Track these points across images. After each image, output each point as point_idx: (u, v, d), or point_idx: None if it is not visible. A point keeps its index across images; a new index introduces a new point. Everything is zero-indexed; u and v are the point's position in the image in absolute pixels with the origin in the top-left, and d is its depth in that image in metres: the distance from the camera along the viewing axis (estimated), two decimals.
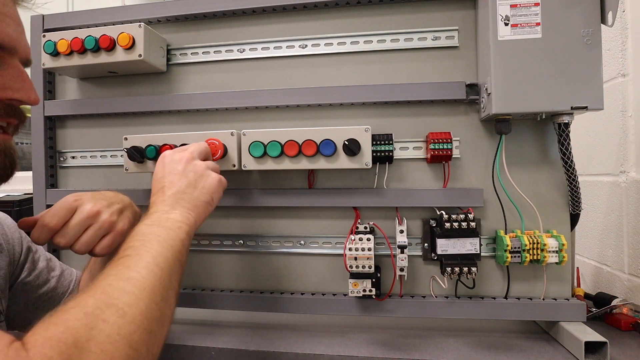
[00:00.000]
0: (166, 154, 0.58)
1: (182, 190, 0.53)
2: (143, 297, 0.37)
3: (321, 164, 0.69)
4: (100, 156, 0.86)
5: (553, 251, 0.66)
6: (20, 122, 0.47)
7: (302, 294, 0.77)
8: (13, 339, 0.31)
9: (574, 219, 0.71)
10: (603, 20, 0.61)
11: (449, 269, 0.67)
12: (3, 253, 0.58)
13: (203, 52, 0.82)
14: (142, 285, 0.37)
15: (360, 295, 0.70)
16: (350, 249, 0.70)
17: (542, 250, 0.66)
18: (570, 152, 0.66)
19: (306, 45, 0.78)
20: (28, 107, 0.52)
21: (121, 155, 0.84)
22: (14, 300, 0.60)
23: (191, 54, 0.82)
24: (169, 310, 0.40)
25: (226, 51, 0.81)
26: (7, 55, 0.43)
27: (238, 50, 0.81)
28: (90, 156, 0.87)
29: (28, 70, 0.48)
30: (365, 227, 0.72)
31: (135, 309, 0.35)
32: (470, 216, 0.67)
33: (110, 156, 0.86)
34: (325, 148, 0.68)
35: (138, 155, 0.73)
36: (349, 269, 0.70)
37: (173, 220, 0.48)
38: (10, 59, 0.44)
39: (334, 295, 0.76)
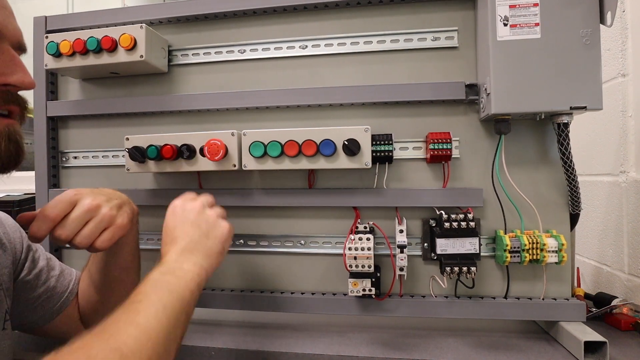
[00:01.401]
0: (177, 204, 0.59)
1: (195, 240, 0.53)
2: (148, 346, 0.37)
3: (321, 164, 0.69)
4: (102, 156, 0.87)
5: (552, 251, 0.66)
6: (21, 108, 0.47)
7: (302, 293, 0.77)
8: None
9: (574, 219, 0.71)
10: (602, 20, 0.61)
11: (448, 269, 0.67)
12: (6, 252, 0.58)
13: (204, 53, 0.82)
14: (148, 333, 0.38)
15: (360, 294, 0.70)
16: (350, 249, 0.70)
17: (541, 250, 0.66)
18: (569, 152, 0.66)
19: (306, 46, 0.79)
20: (31, 107, 0.52)
21: (123, 156, 0.85)
22: (13, 299, 0.60)
23: (192, 54, 0.83)
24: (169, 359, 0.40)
25: (227, 52, 0.81)
26: None
27: (239, 51, 0.81)
28: (92, 156, 0.87)
29: (31, 62, 0.47)
30: (365, 227, 0.73)
31: (138, 357, 0.35)
32: (470, 216, 0.67)
33: (112, 156, 0.86)
34: (325, 148, 0.68)
35: (139, 155, 0.74)
36: (349, 268, 0.70)
37: (185, 270, 0.48)
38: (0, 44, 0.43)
39: (333, 295, 0.76)
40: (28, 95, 0.50)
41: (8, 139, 0.45)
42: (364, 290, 0.70)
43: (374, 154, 0.70)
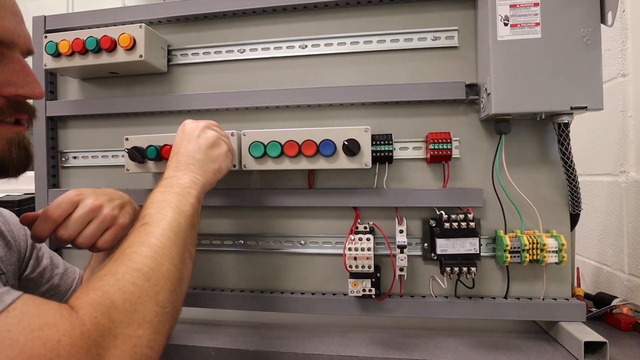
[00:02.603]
0: (186, 123, 0.63)
1: (192, 155, 0.57)
2: (163, 261, 0.41)
3: (321, 164, 0.69)
4: (102, 156, 0.87)
5: (553, 251, 0.66)
6: (30, 116, 0.47)
7: (302, 293, 0.77)
8: (62, 306, 0.34)
9: (574, 219, 0.71)
10: (603, 20, 0.61)
11: (448, 269, 0.67)
12: (12, 250, 0.59)
13: (204, 53, 0.82)
14: (162, 250, 0.42)
15: (360, 295, 0.70)
16: (350, 249, 0.70)
17: (541, 250, 0.66)
18: (570, 152, 0.66)
19: (306, 46, 0.79)
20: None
21: (122, 156, 0.84)
22: None
23: (192, 54, 0.83)
24: (186, 270, 0.44)
25: (227, 52, 0.81)
26: (7, 49, 0.43)
27: (238, 50, 0.81)
28: (92, 156, 0.87)
29: (30, 62, 0.47)
30: (365, 227, 0.73)
31: (158, 273, 0.40)
32: (470, 216, 0.67)
33: (112, 156, 0.86)
34: (325, 148, 0.68)
35: (139, 155, 0.73)
36: (349, 268, 0.70)
37: (182, 186, 0.52)
38: (11, 53, 0.43)
39: (333, 295, 0.76)
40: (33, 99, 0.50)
41: (18, 145, 0.46)
42: (364, 290, 0.70)
43: (374, 154, 0.70)
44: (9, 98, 0.43)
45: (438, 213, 0.70)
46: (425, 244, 0.74)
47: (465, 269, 0.67)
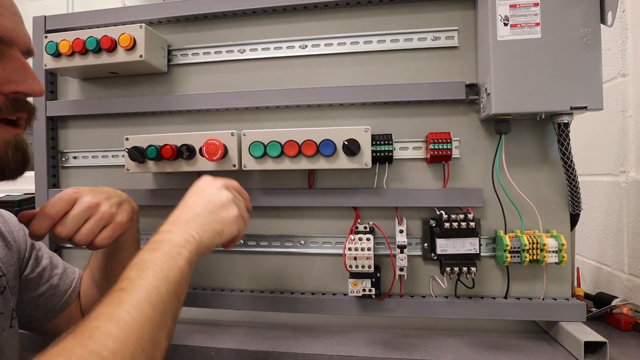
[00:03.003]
0: (203, 177, 0.57)
1: (196, 211, 0.51)
2: (129, 342, 0.34)
3: (321, 164, 0.69)
4: (102, 156, 0.87)
5: (553, 251, 0.66)
6: (30, 114, 0.47)
7: (302, 293, 0.77)
8: None
9: (574, 219, 0.71)
10: (603, 20, 0.61)
11: (448, 269, 0.67)
12: (12, 250, 0.59)
13: (204, 53, 0.82)
14: (130, 328, 0.35)
15: (360, 295, 0.70)
16: (350, 249, 0.70)
17: (541, 250, 0.66)
18: (570, 152, 0.66)
19: (306, 46, 0.79)
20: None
21: (122, 156, 0.84)
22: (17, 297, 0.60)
23: (192, 54, 0.83)
24: (158, 352, 0.37)
25: (227, 52, 0.81)
26: (6, 47, 0.43)
27: (238, 50, 0.81)
28: (92, 156, 0.87)
29: (30, 62, 0.47)
30: (365, 227, 0.73)
31: (120, 357, 0.33)
32: (470, 216, 0.67)
33: (112, 156, 0.86)
34: (325, 148, 0.68)
35: (139, 155, 0.74)
36: (349, 268, 0.70)
37: (174, 243, 0.45)
38: (10, 51, 0.43)
39: (333, 295, 0.76)
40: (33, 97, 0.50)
41: (15, 147, 0.45)
42: (364, 290, 0.70)
43: (374, 154, 0.70)
44: (8, 96, 0.43)
45: (438, 213, 0.70)
46: (425, 244, 0.74)
47: (465, 269, 0.67)
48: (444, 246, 0.68)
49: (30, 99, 0.48)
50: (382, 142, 0.71)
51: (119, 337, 0.34)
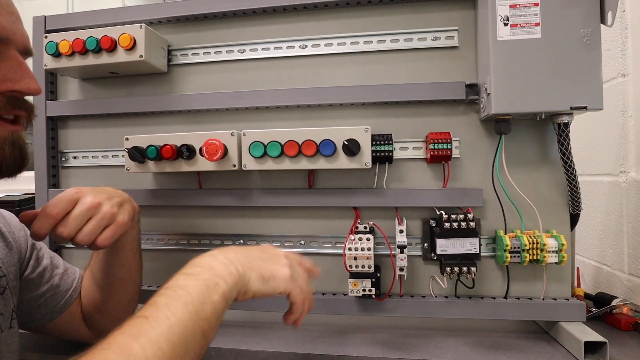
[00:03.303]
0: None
1: (248, 252, 0.47)
2: None
3: (321, 164, 0.69)
4: (102, 156, 0.87)
5: (553, 251, 0.66)
6: (28, 113, 0.47)
7: None
8: None
9: (574, 219, 0.71)
10: (603, 20, 0.61)
11: (448, 269, 0.67)
12: (12, 250, 0.59)
13: (204, 53, 0.82)
14: None
15: (360, 295, 0.70)
16: (350, 249, 0.70)
17: (541, 250, 0.66)
18: (570, 152, 0.66)
19: (306, 46, 0.79)
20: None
21: (122, 156, 0.84)
22: (18, 297, 0.60)
23: (192, 54, 0.83)
24: None
25: (227, 52, 0.81)
26: (2, 46, 0.43)
27: (238, 50, 0.81)
28: (92, 156, 0.87)
29: (30, 62, 0.47)
30: (365, 227, 0.73)
31: None
32: (470, 216, 0.67)
33: (112, 156, 0.86)
34: (325, 148, 0.68)
35: (139, 155, 0.74)
36: (349, 268, 0.70)
37: (214, 272, 0.41)
38: (6, 50, 0.43)
39: (333, 295, 0.76)
40: (30, 96, 0.50)
41: (12, 144, 0.45)
42: (364, 290, 0.70)
43: (374, 154, 0.70)
44: (5, 94, 0.43)
45: (438, 213, 0.70)
46: (425, 244, 0.74)
47: (465, 269, 0.67)
48: (444, 246, 0.68)
49: (30, 98, 0.48)
50: (382, 142, 0.71)
51: None
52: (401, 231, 0.70)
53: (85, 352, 0.32)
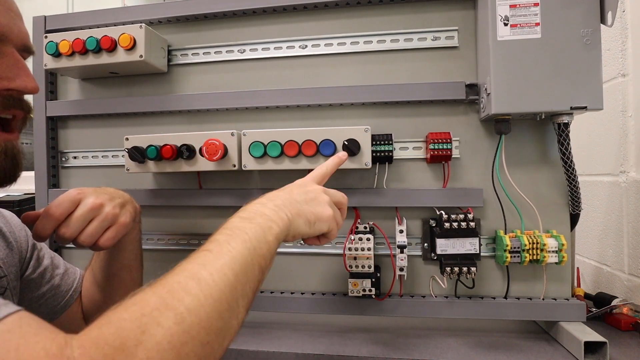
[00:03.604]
0: (308, 177, 0.57)
1: (294, 198, 0.50)
2: (207, 304, 0.33)
3: (321, 163, 0.69)
4: (102, 156, 0.87)
5: (553, 251, 0.66)
6: (25, 113, 0.46)
7: (302, 293, 0.77)
8: (62, 336, 0.30)
9: (574, 219, 0.71)
10: (603, 20, 0.61)
11: (448, 269, 0.67)
12: (13, 251, 0.59)
13: (204, 53, 0.82)
14: (209, 290, 0.34)
15: (360, 295, 0.70)
16: (350, 249, 0.70)
17: (541, 250, 0.66)
18: (570, 152, 0.66)
19: (306, 46, 0.79)
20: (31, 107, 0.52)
21: (122, 156, 0.84)
22: (18, 297, 0.60)
23: (192, 54, 0.83)
24: (235, 321, 0.36)
25: (227, 52, 0.81)
26: None
27: (238, 50, 0.81)
28: (92, 156, 0.87)
29: (30, 62, 0.46)
30: (365, 227, 0.73)
31: (195, 317, 0.32)
32: (470, 216, 0.67)
33: (112, 156, 0.86)
34: (325, 148, 0.68)
35: (139, 155, 0.74)
36: (349, 268, 0.70)
37: (267, 217, 0.44)
38: (3, 47, 0.42)
39: (333, 295, 0.76)
40: (27, 94, 0.49)
41: (5, 154, 0.44)
42: (364, 290, 0.70)
43: (374, 154, 0.70)
44: (0, 92, 0.43)
45: (438, 213, 0.70)
46: (425, 244, 0.74)
47: (465, 269, 0.67)
48: (444, 246, 0.68)
49: (30, 98, 0.47)
50: (382, 142, 0.71)
51: (197, 296, 0.33)
52: (401, 231, 0.70)
53: (155, 280, 0.35)
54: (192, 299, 0.33)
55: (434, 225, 0.72)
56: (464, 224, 0.67)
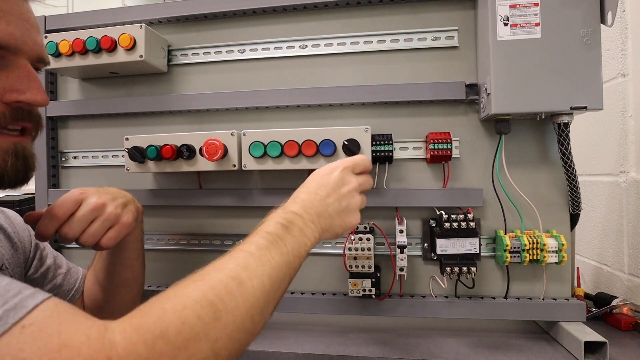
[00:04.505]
0: (337, 166, 0.55)
1: (328, 210, 0.51)
2: (243, 307, 0.36)
3: (321, 164, 0.69)
4: (102, 156, 0.87)
5: (553, 251, 0.66)
6: (35, 124, 0.46)
7: (302, 293, 0.77)
8: (100, 322, 0.31)
9: (574, 219, 0.71)
10: (602, 20, 0.61)
11: (448, 269, 0.67)
12: (18, 251, 0.59)
13: (204, 53, 0.82)
14: (247, 295, 0.37)
15: (360, 295, 0.70)
16: (350, 249, 0.70)
17: (541, 250, 0.66)
18: (570, 152, 0.66)
19: (306, 46, 0.79)
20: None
21: (122, 156, 0.84)
22: None
23: (192, 54, 0.83)
24: (262, 323, 0.39)
25: (227, 52, 0.81)
26: (11, 55, 0.42)
27: (238, 50, 0.81)
28: (92, 156, 0.87)
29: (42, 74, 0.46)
30: (365, 227, 0.72)
31: (231, 316, 0.35)
32: (470, 216, 0.67)
33: (112, 156, 0.86)
34: (325, 148, 0.68)
35: (139, 155, 0.74)
36: (349, 268, 0.70)
37: (304, 234, 0.46)
38: (16, 59, 0.42)
39: (333, 295, 0.76)
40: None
41: (15, 156, 0.44)
42: (364, 290, 0.70)
43: (374, 154, 0.70)
44: (10, 104, 0.42)
45: (438, 213, 0.70)
46: (425, 244, 0.74)
47: (465, 269, 0.67)
48: (444, 246, 0.68)
49: (42, 110, 0.47)
50: (382, 142, 0.71)
51: (236, 298, 0.36)
52: (401, 231, 0.70)
53: (200, 273, 0.37)
54: (231, 299, 0.35)
55: (434, 225, 0.72)
56: (464, 224, 0.67)
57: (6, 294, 0.29)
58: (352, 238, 0.70)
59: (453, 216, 0.68)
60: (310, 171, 0.77)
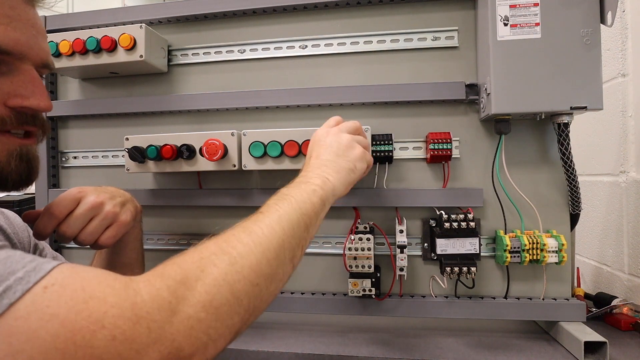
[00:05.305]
0: (318, 131, 0.61)
1: (325, 158, 0.55)
2: (256, 251, 0.39)
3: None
4: (102, 156, 0.87)
5: (553, 251, 0.66)
6: (39, 129, 0.46)
7: (302, 293, 0.77)
8: (123, 276, 0.33)
9: (574, 219, 0.71)
10: (602, 20, 0.61)
11: (448, 269, 0.67)
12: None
13: (204, 53, 0.82)
14: (259, 240, 0.40)
15: (360, 295, 0.70)
16: (350, 249, 0.70)
17: (541, 250, 0.66)
18: (570, 152, 0.66)
19: (306, 46, 0.79)
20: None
21: (122, 156, 0.85)
22: None
23: (192, 54, 0.83)
24: (281, 270, 0.41)
25: (227, 52, 0.81)
26: (17, 61, 0.42)
27: (239, 50, 0.81)
28: (92, 156, 0.87)
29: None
30: (365, 227, 0.72)
31: (246, 260, 0.38)
32: (470, 216, 0.67)
33: (112, 156, 0.86)
34: None
35: (139, 155, 0.74)
36: (349, 268, 0.70)
37: (309, 183, 0.50)
38: (21, 64, 0.42)
39: (333, 295, 0.76)
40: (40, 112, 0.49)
41: (19, 158, 0.44)
42: (364, 290, 0.70)
43: (374, 154, 0.70)
44: (15, 109, 0.42)
45: (438, 213, 0.70)
46: (425, 244, 0.74)
47: (465, 268, 0.67)
48: (444, 246, 0.68)
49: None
50: (382, 142, 0.71)
51: (248, 244, 0.39)
52: (401, 231, 0.70)
53: (223, 232, 0.41)
54: (243, 246, 0.39)
55: (434, 225, 0.72)
56: (464, 224, 0.67)
57: (22, 260, 0.31)
58: (352, 238, 0.70)
59: (453, 216, 0.68)
60: None
